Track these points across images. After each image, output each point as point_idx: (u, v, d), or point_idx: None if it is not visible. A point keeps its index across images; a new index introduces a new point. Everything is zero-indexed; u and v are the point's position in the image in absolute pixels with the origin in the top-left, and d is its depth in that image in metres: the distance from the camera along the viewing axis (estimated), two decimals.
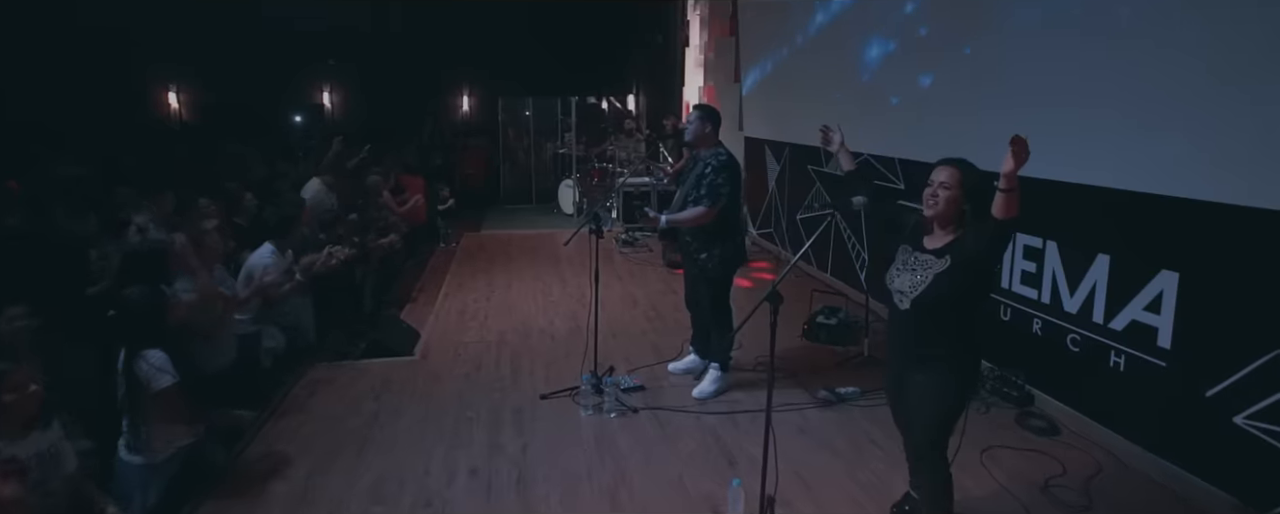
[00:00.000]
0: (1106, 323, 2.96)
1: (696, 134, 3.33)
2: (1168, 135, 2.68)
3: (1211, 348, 2.54)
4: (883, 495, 2.64)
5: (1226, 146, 2.48)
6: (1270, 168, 2.33)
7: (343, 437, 3.15)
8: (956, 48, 3.98)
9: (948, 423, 2.10)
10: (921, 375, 2.09)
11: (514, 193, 10.02)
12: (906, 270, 2.10)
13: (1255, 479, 2.40)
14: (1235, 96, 2.44)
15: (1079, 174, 3.04)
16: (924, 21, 4.31)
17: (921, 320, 2.05)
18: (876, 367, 3.90)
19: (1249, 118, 2.39)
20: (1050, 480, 2.74)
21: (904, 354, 2.15)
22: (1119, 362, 2.92)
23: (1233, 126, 2.45)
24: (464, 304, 5.24)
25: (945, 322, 2.03)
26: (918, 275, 2.05)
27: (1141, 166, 2.76)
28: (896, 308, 2.12)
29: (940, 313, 2.02)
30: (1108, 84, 2.92)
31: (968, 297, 2.03)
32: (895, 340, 2.20)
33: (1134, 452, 2.85)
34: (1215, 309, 2.54)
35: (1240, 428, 2.45)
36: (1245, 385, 2.43)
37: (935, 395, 2.07)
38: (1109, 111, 2.92)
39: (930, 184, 2.06)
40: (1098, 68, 2.98)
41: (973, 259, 1.96)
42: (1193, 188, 2.57)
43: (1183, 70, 2.61)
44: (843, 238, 5.34)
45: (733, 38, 7.61)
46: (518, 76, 9.91)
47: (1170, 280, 2.67)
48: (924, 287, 2.03)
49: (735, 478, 2.48)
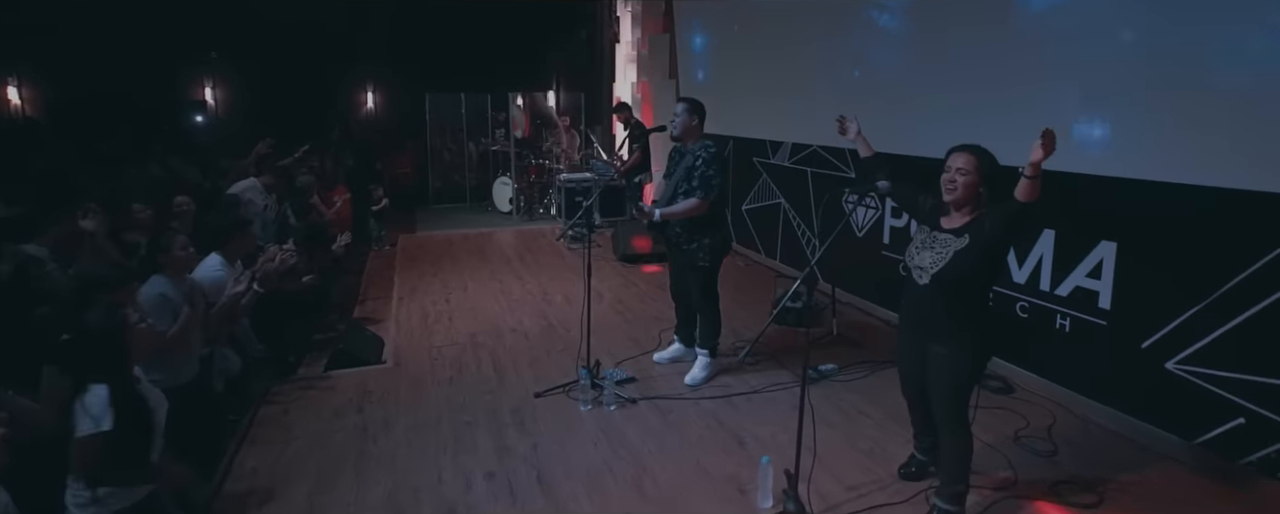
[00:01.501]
0: (1053, 290, 3.36)
1: (684, 127, 3.39)
2: (1103, 121, 3.09)
3: (1145, 306, 2.96)
4: (885, 460, 2.85)
5: (1154, 130, 2.90)
6: (1191, 147, 2.76)
7: (335, 453, 2.95)
8: (895, 37, 4.32)
9: (966, 392, 2.29)
10: (941, 347, 2.26)
11: (443, 192, 9.61)
12: (926, 248, 2.27)
13: (1185, 414, 2.84)
14: (1161, 84, 2.85)
15: (1025, 158, 3.41)
16: (874, 9, 4.61)
17: (941, 295, 2.22)
18: (846, 345, 4.18)
19: (1172, 103, 2.81)
20: (1019, 433, 3.07)
21: (924, 327, 2.32)
22: (1064, 324, 3.33)
23: (1158, 111, 2.87)
24: (423, 307, 5.01)
25: (963, 296, 2.22)
26: (938, 252, 2.23)
27: (1083, 149, 3.15)
28: (915, 283, 2.29)
29: (959, 287, 2.20)
30: (1049, 73, 3.31)
31: (984, 272, 2.21)
32: (914, 313, 2.35)
33: (1081, 401, 3.26)
34: (1148, 273, 2.96)
35: (1171, 372, 2.88)
36: (1174, 336, 2.86)
37: (954, 368, 2.25)
38: (1050, 98, 3.30)
39: (948, 170, 2.22)
40: (1040, 58, 3.37)
41: (991, 239, 2.15)
42: (1128, 168, 2.97)
43: (1116, 61, 3.00)
44: (793, 227, 5.63)
45: (667, 34, 7.74)
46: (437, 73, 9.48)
47: (1109, 250, 3.08)
48: (944, 263, 2.20)
49: (764, 455, 2.58)
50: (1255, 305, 2.60)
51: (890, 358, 3.90)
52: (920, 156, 3.61)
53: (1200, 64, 2.71)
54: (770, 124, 5.81)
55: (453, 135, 9.70)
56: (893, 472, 2.74)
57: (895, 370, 3.91)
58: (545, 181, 8.49)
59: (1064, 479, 2.70)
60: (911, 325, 2.40)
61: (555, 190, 8.01)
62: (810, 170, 5.27)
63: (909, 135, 3.97)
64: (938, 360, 2.28)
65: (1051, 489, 2.64)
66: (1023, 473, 2.72)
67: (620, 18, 8.62)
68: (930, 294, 2.24)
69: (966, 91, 3.74)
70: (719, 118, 6.86)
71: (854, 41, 4.72)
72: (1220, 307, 2.70)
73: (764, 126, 5.92)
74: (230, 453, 2.93)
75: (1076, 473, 2.75)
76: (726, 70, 6.57)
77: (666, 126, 3.45)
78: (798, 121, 5.38)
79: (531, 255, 6.67)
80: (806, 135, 5.26)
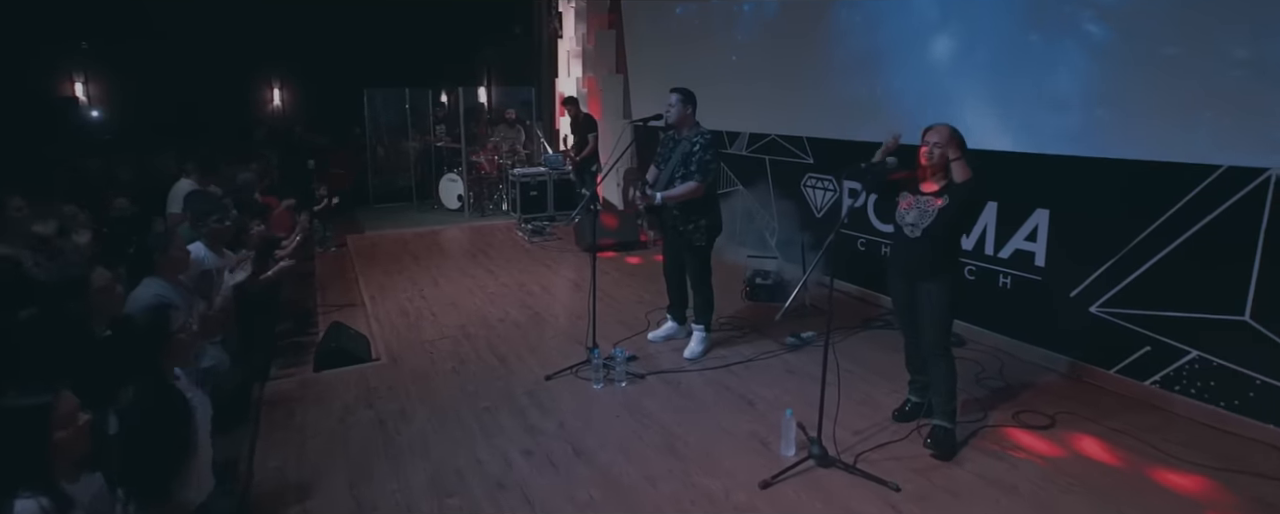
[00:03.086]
0: (996, 253, 3.91)
1: (680, 116, 3.63)
2: (1036, 103, 3.64)
3: (1072, 261, 3.53)
4: (877, 408, 3.24)
5: (1079, 112, 3.46)
6: (1103, 126, 3.34)
7: (359, 447, 2.98)
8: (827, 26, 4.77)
9: (950, 318, 2.80)
10: (930, 284, 2.75)
11: (382, 191, 9.28)
12: (913, 209, 2.74)
13: (1104, 349, 3.43)
14: (1080, 71, 3.42)
15: (971, 141, 3.94)
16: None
17: (929, 243, 2.70)
18: (819, 315, 4.59)
19: (1087, 88, 3.38)
20: (978, 376, 3.58)
21: (915, 271, 2.78)
22: (1006, 282, 3.88)
23: (1077, 96, 3.44)
24: (399, 305, 4.96)
25: (946, 243, 2.72)
26: (923, 211, 2.71)
27: (1020, 131, 3.69)
28: (906, 237, 2.76)
29: (943, 237, 2.69)
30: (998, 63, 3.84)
31: (960, 225, 2.76)
32: (905, 261, 2.81)
33: (1022, 346, 3.82)
34: (1074, 234, 3.53)
35: (1094, 314, 3.47)
36: (1095, 284, 3.45)
37: (941, 299, 2.75)
38: (990, 86, 3.83)
39: (926, 143, 2.68)
40: (978, 52, 3.88)
41: (963, 198, 2.65)
42: (1057, 146, 3.53)
43: (1039, 51, 3.55)
44: (751, 212, 6.02)
45: (613, 30, 7.92)
46: (372, 70, 9.13)
47: (1043, 216, 3.64)
48: (931, 220, 2.68)
49: (788, 409, 2.89)
50: (1155, 256, 3.21)
51: (859, 324, 4.38)
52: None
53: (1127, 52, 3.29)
54: (729, 116, 6.16)
55: (389, 133, 9.39)
56: (887, 416, 3.14)
57: (868, 334, 4.37)
58: (494, 177, 8.45)
59: (1021, 409, 3.21)
60: (902, 272, 2.84)
61: (508, 185, 8.00)
62: (769, 158, 5.67)
63: (869, 118, 4.42)
64: (927, 295, 2.76)
65: (1014, 418, 3.14)
66: (988, 407, 3.21)
67: (562, 13, 8.70)
68: (920, 244, 2.71)
69: (921, 79, 4.24)
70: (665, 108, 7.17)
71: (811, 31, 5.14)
72: (1130, 258, 3.30)
73: (721, 119, 6.26)
74: (245, 454, 2.86)
75: (1029, 403, 3.27)
76: (679, 64, 6.85)
77: (662, 116, 3.66)
78: (754, 110, 5.75)
79: (494, 250, 6.69)
80: (763, 125, 5.65)
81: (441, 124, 9.16)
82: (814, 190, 5.24)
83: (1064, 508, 2.50)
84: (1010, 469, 2.74)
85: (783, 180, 5.51)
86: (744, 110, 5.83)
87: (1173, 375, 3.21)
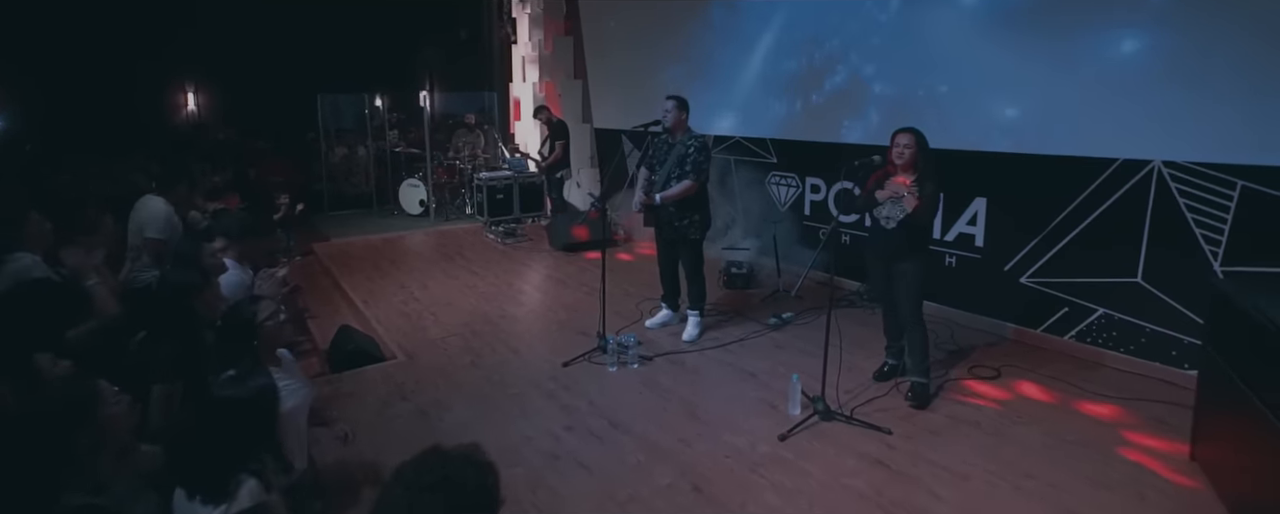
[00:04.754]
0: (943, 237, 4.57)
1: (676, 121, 4.03)
2: (975, 108, 4.31)
3: (1006, 240, 4.23)
4: (859, 372, 3.77)
5: (1018, 114, 4.15)
6: (1034, 126, 4.04)
7: (410, 434, 3.19)
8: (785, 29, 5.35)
9: (921, 294, 3.35)
10: (905, 264, 3.29)
11: (338, 198, 9.07)
12: (887, 203, 3.25)
13: (1033, 312, 4.14)
14: (1027, 74, 4.10)
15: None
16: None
17: (905, 232, 3.23)
18: (792, 299, 5.12)
19: (1021, 92, 4.08)
20: (936, 342, 4.17)
21: (892, 255, 3.31)
22: (952, 261, 4.55)
23: (1011, 101, 4.12)
24: (396, 307, 5.09)
25: (918, 231, 3.26)
26: (897, 205, 3.21)
27: (960, 130, 4.35)
28: (883, 228, 3.27)
29: (915, 226, 3.22)
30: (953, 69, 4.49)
31: (930, 214, 3.27)
32: (883, 248, 3.33)
33: (965, 316, 4.50)
34: (1007, 217, 4.22)
35: (1024, 284, 4.18)
36: (1025, 259, 4.15)
37: (915, 277, 3.30)
38: (933, 91, 4.48)
39: (897, 145, 3.21)
40: (934, 56, 4.53)
41: (929, 193, 3.18)
42: (993, 143, 4.20)
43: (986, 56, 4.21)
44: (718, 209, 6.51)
45: (570, 36, 8.20)
46: (321, 73, 8.92)
47: (981, 203, 4.32)
48: (908, 212, 3.18)
49: (794, 374, 3.36)
50: (1070, 233, 3.93)
51: (825, 305, 4.94)
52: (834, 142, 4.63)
53: (1069, 55, 3.99)
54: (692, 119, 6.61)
55: (344, 138, 9.22)
56: (868, 378, 3.68)
57: (839, 312, 4.93)
58: (457, 182, 8.53)
59: (974, 365, 3.85)
60: (879, 256, 3.38)
61: (473, 189, 8.12)
62: (733, 158, 6.17)
63: (842, 120, 4.99)
64: (902, 275, 3.30)
65: (969, 372, 3.77)
66: (948, 366, 3.83)
67: (517, 19, 8.88)
68: (896, 233, 3.23)
69: (879, 83, 4.85)
70: (625, 112, 7.55)
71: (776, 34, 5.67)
72: (1051, 236, 4.01)
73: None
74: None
75: (980, 360, 3.92)
76: (637, 69, 7.24)
77: (660, 121, 4.04)
78: (718, 113, 6.24)
79: (470, 252, 6.84)
80: (729, 127, 6.15)
81: (395, 129, 9.11)
82: (778, 187, 5.79)
83: (1016, 436, 3.11)
84: (973, 411, 3.34)
85: (748, 179, 6.03)
86: (712, 114, 6.31)
87: (1086, 330, 3.94)
